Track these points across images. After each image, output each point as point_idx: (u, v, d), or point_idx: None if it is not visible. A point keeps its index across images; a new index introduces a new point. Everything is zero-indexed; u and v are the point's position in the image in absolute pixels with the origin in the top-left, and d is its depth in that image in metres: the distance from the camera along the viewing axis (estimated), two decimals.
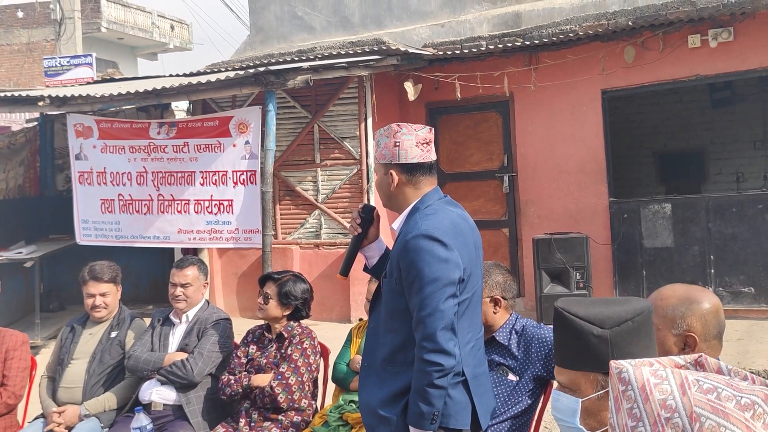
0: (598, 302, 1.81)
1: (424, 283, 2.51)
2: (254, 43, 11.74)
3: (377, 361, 2.73)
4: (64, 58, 12.38)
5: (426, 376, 2.48)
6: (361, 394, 2.79)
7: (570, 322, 1.74)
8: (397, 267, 2.62)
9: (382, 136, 2.74)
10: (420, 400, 2.50)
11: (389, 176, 2.72)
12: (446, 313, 2.51)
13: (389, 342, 2.68)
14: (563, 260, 7.70)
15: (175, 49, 29.77)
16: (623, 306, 1.76)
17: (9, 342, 4.29)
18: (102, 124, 7.28)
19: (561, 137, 8.32)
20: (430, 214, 2.65)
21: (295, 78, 6.31)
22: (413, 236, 2.56)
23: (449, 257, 2.55)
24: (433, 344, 2.48)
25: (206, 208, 6.89)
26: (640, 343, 1.71)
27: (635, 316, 1.73)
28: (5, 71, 25.31)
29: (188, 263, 4.34)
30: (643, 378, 1.27)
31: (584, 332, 1.71)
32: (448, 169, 9.05)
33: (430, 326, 2.49)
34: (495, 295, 3.19)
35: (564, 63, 8.03)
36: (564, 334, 1.77)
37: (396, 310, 2.66)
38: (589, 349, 1.71)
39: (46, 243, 8.55)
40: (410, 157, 2.69)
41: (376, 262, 2.95)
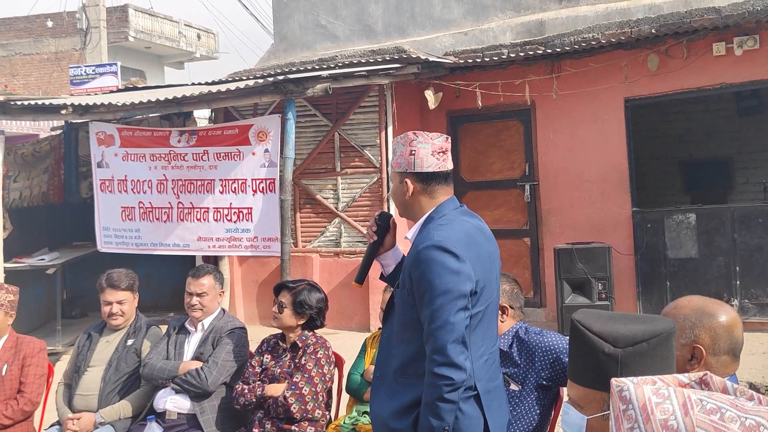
0: (618, 318, 1.72)
1: (435, 295, 2.47)
2: (278, 52, 11.80)
3: (389, 373, 2.69)
4: (89, 66, 12.53)
5: (436, 389, 2.44)
6: (373, 405, 2.75)
7: (583, 336, 1.67)
8: (409, 278, 2.58)
9: (399, 144, 2.71)
10: (430, 414, 2.45)
11: (404, 185, 2.68)
12: (457, 326, 2.46)
13: (401, 353, 2.65)
14: (585, 270, 7.61)
15: (201, 58, 30.06)
16: (642, 325, 1.67)
17: (26, 349, 4.32)
18: (123, 132, 7.34)
19: (583, 146, 8.24)
20: (444, 224, 2.61)
21: (314, 86, 6.31)
22: (425, 247, 2.52)
23: (461, 269, 2.50)
24: (444, 357, 2.43)
25: (225, 216, 6.91)
26: (653, 367, 1.60)
27: (652, 338, 1.63)
28: (35, 80, 25.71)
29: (204, 272, 4.34)
30: (645, 397, 1.22)
31: (595, 349, 1.64)
32: (470, 177, 9.00)
33: (441, 339, 2.44)
34: (502, 303, 3.15)
35: (586, 71, 7.95)
36: (576, 348, 1.71)
37: (408, 321, 2.62)
38: (599, 366, 1.63)
39: (69, 250, 8.63)
40: (426, 165, 2.66)
41: (392, 271, 2.92)
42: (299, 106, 8.62)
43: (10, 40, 26.06)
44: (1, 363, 4.25)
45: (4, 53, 25.90)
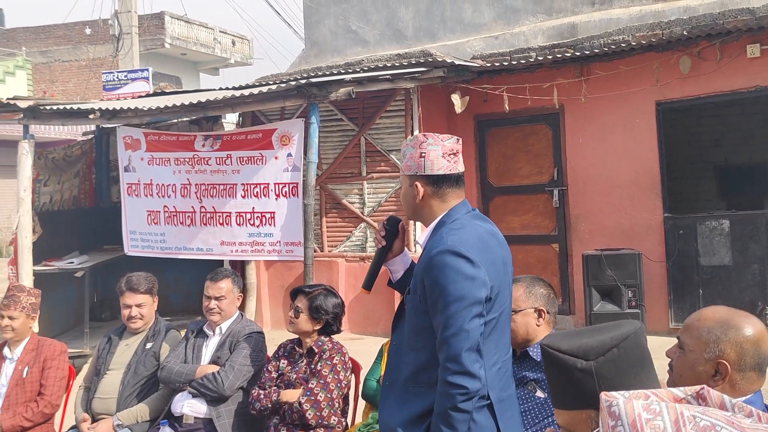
0: (584, 332, 1.69)
1: (449, 302, 2.39)
2: (309, 57, 11.85)
3: (399, 381, 2.62)
4: (121, 72, 12.70)
5: (449, 398, 2.37)
6: (382, 414, 2.68)
7: (554, 358, 1.63)
8: (422, 283, 2.51)
9: (408, 147, 2.64)
10: (443, 423, 2.38)
11: (414, 188, 2.61)
12: (471, 334, 2.39)
13: (412, 361, 2.58)
14: (614, 277, 7.46)
15: (236, 64, 30.38)
16: (609, 333, 1.63)
17: (47, 351, 4.36)
18: (150, 137, 7.40)
19: (613, 150, 8.09)
20: (456, 228, 2.53)
21: (338, 90, 6.29)
22: (438, 252, 2.45)
23: (476, 275, 2.42)
24: (458, 366, 2.36)
25: (248, 220, 6.91)
26: (629, 371, 1.57)
27: (621, 342, 1.59)
28: (73, 86, 26.19)
29: (222, 276, 4.33)
30: (635, 412, 1.15)
31: (568, 367, 1.59)
32: (497, 182, 8.90)
33: (455, 347, 2.37)
34: (539, 306, 3.05)
35: (617, 74, 7.81)
36: (552, 373, 1.66)
37: (419, 328, 2.55)
38: (576, 385, 1.58)
39: (99, 253, 8.73)
40: (436, 168, 2.58)
41: (401, 277, 2.85)
42: (325, 110, 8.62)
43: (49, 47, 26.61)
44: (23, 365, 4.29)
45: (44, 60, 26.44)
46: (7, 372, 4.30)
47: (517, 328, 3.01)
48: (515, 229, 8.77)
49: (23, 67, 18.21)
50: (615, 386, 1.51)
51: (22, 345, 4.35)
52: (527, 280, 3.10)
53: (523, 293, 3.03)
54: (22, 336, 4.35)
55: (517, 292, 3.02)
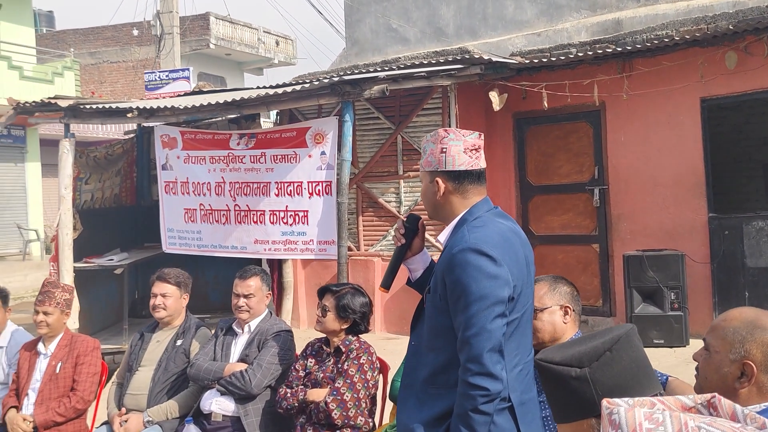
0: (576, 342, 1.65)
1: (471, 301, 2.33)
2: (350, 56, 11.85)
3: (418, 382, 2.56)
4: (163, 72, 12.88)
5: (470, 400, 2.31)
6: (400, 416, 2.63)
7: (549, 371, 1.58)
8: (442, 282, 2.46)
9: (428, 143, 2.59)
10: (463, 425, 2.32)
11: (435, 184, 2.55)
12: (494, 334, 2.33)
13: (431, 362, 2.52)
14: (656, 279, 7.28)
15: (279, 64, 30.60)
16: (601, 338, 1.58)
17: (80, 347, 4.40)
18: (186, 135, 7.46)
19: (656, 148, 7.89)
20: (479, 226, 2.47)
21: (372, 88, 6.24)
22: (460, 250, 2.39)
23: (498, 273, 2.37)
24: (479, 367, 2.31)
25: (281, 218, 6.91)
26: (625, 373, 1.52)
27: (613, 345, 1.54)
28: (121, 87, 26.71)
29: (251, 274, 4.33)
30: (636, 422, 1.07)
31: (564, 377, 1.54)
32: (536, 181, 8.76)
33: (477, 347, 2.31)
34: (564, 303, 2.96)
35: (659, 70, 7.60)
36: (549, 387, 1.61)
37: (439, 328, 2.49)
38: (574, 394, 1.53)
39: (139, 251, 8.84)
40: (458, 164, 2.52)
41: (420, 276, 2.80)
42: (362, 108, 8.59)
43: (98, 48, 27.17)
44: (56, 361, 4.34)
45: (93, 61, 27.00)
46: (41, 367, 4.36)
47: (544, 327, 2.93)
48: (555, 228, 8.63)
49: (71, 68, 18.56)
50: (612, 390, 1.47)
51: (55, 341, 4.41)
52: (549, 278, 3.02)
53: (547, 291, 2.95)
54: (57, 332, 4.41)
55: (540, 290, 2.94)
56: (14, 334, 4.70)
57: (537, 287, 2.96)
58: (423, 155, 2.62)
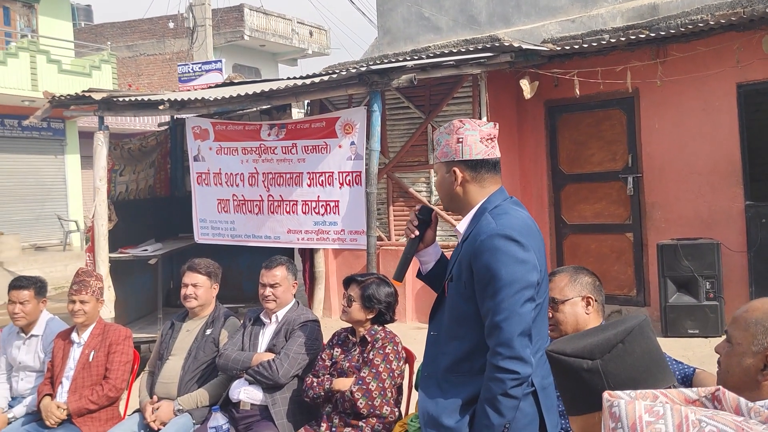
0: (588, 333, 1.62)
1: (501, 286, 2.36)
2: (381, 45, 11.83)
3: (438, 371, 2.58)
4: (196, 64, 13.00)
5: (500, 384, 2.34)
6: (423, 404, 2.63)
7: (560, 362, 1.56)
8: (468, 269, 2.47)
9: (443, 134, 2.60)
10: (491, 410, 2.35)
11: (452, 174, 2.57)
12: (524, 318, 2.37)
13: (453, 350, 2.54)
14: (691, 268, 7.17)
15: (313, 55, 30.69)
16: (613, 329, 1.56)
17: (113, 336, 4.48)
18: (217, 127, 7.52)
19: (691, 135, 7.75)
20: (502, 213, 2.50)
21: (399, 77, 6.22)
22: (489, 236, 2.42)
23: (527, 258, 2.41)
24: (510, 350, 2.34)
25: (313, 208, 6.95)
26: (638, 365, 1.50)
27: (625, 337, 1.52)
28: (158, 79, 27.04)
29: (277, 263, 4.36)
30: (636, 415, 1.06)
31: (575, 369, 1.52)
32: (568, 169, 8.66)
33: (507, 331, 2.34)
34: (586, 294, 2.94)
35: (694, 55, 7.45)
36: (560, 379, 1.59)
37: (462, 316, 2.51)
38: (585, 386, 1.51)
39: (174, 241, 8.94)
40: (475, 153, 2.55)
41: (432, 268, 2.81)
42: (392, 98, 8.57)
43: (135, 42, 27.52)
44: (89, 349, 4.43)
45: (130, 54, 27.37)
46: (75, 356, 4.45)
47: (566, 319, 2.91)
48: (587, 217, 8.54)
49: (108, 61, 18.83)
50: (624, 382, 1.45)
51: (89, 330, 4.49)
52: (570, 269, 3.00)
53: (568, 282, 2.92)
54: (92, 320, 4.50)
55: (561, 282, 2.92)
56: (49, 323, 4.80)
57: (558, 279, 2.94)
58: (437, 147, 2.63)
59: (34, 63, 16.74)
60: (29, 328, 4.74)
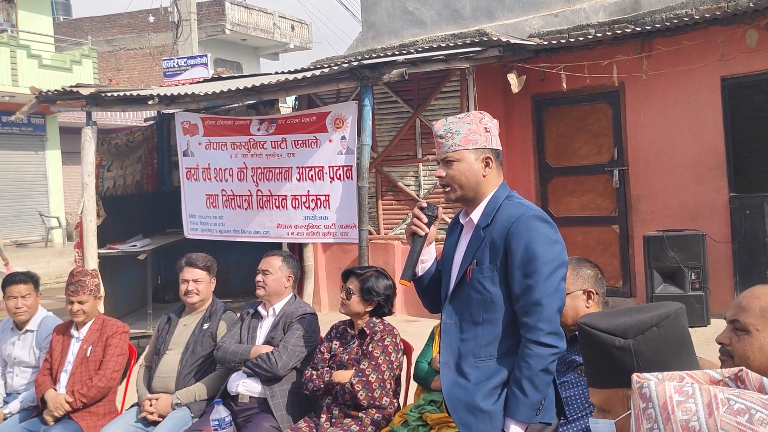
0: (623, 312, 1.67)
1: (540, 264, 2.46)
2: (366, 40, 11.83)
3: (461, 358, 2.61)
4: (181, 59, 12.94)
5: (541, 360, 2.42)
6: (450, 392, 2.64)
7: (592, 336, 1.61)
8: (499, 252, 2.54)
9: (464, 123, 2.62)
10: (531, 386, 2.43)
11: (483, 162, 2.62)
12: (560, 295, 2.50)
13: (479, 335, 2.58)
14: (677, 259, 7.27)
15: (295, 49, 30.60)
16: (649, 312, 1.61)
17: (109, 330, 4.49)
18: (207, 122, 7.51)
19: (676, 128, 7.86)
20: (521, 199, 2.65)
21: (390, 72, 6.25)
22: (525, 217, 2.52)
23: (559, 239, 2.55)
24: (551, 326, 2.44)
25: (303, 203, 6.97)
26: (669, 350, 1.56)
27: (661, 321, 1.57)
28: (138, 74, 26.82)
29: (274, 253, 4.43)
30: (666, 395, 1.11)
31: (606, 345, 1.58)
32: (555, 162, 8.75)
33: (549, 307, 2.44)
34: (587, 287, 2.98)
35: (679, 49, 7.55)
36: (589, 351, 1.65)
37: (490, 299, 2.56)
38: (614, 362, 1.57)
39: (162, 237, 8.93)
40: (497, 143, 2.67)
41: (429, 267, 2.84)
42: (380, 92, 8.60)
43: (115, 36, 27.28)
44: (87, 344, 4.42)
45: (110, 48, 27.13)
46: (74, 350, 4.45)
47: (566, 311, 2.94)
48: (574, 210, 8.63)
49: (89, 56, 18.67)
50: (653, 365, 1.49)
51: (87, 325, 4.49)
52: (573, 261, 3.03)
53: (570, 275, 2.96)
54: (92, 317, 4.50)
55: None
56: (44, 320, 4.79)
57: None
58: (456, 135, 2.62)
59: (14, 58, 16.58)
60: (25, 324, 4.73)
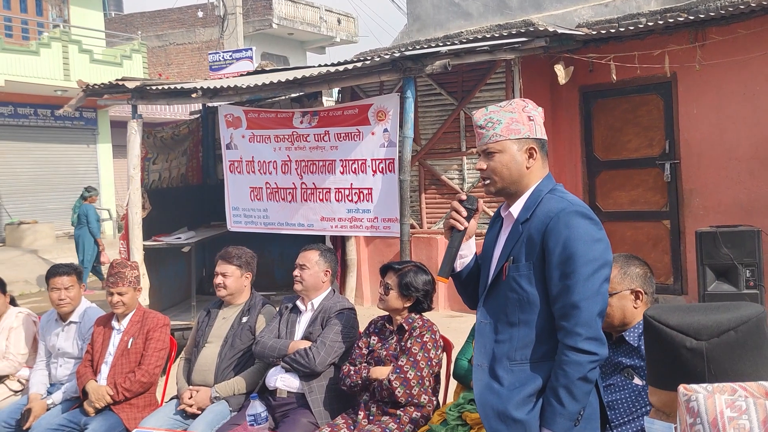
0: (697, 309, 1.49)
1: (580, 264, 2.29)
2: (411, 32, 11.74)
3: (495, 360, 2.47)
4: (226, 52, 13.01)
5: (578, 368, 2.26)
6: (483, 398, 2.51)
7: (660, 332, 1.44)
8: (537, 250, 2.38)
9: (505, 112, 2.48)
10: (568, 396, 2.27)
11: (527, 153, 2.46)
12: (602, 298, 2.32)
13: (514, 336, 2.44)
14: (731, 256, 7.00)
15: (341, 43, 30.62)
16: (728, 313, 1.43)
17: (151, 323, 4.51)
18: (249, 114, 7.52)
19: (731, 120, 7.58)
20: (564, 193, 2.45)
21: (433, 63, 6.14)
22: (565, 213, 2.35)
23: (603, 237, 2.36)
24: (590, 331, 2.27)
25: (347, 196, 6.92)
26: (746, 358, 1.37)
27: (740, 325, 1.39)
28: (187, 68, 27.14)
29: (311, 247, 4.40)
30: (716, 410, 1.00)
31: (675, 344, 1.41)
32: (604, 156, 8.53)
33: (588, 311, 2.28)
34: (636, 287, 2.84)
35: (734, 38, 7.28)
36: (654, 348, 1.48)
37: (526, 300, 2.41)
38: (681, 364, 1.40)
39: (206, 229, 8.97)
40: (542, 132, 2.51)
41: (468, 262, 2.70)
42: (424, 84, 8.49)
43: (165, 31, 27.65)
44: (128, 336, 4.45)
45: (160, 44, 27.51)
46: (115, 342, 4.48)
47: (613, 312, 2.82)
48: (623, 205, 8.41)
49: (139, 51, 18.95)
50: (726, 373, 1.34)
51: (128, 317, 4.52)
52: (621, 259, 2.89)
53: (618, 274, 2.83)
54: (131, 308, 4.53)
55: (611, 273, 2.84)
56: (87, 311, 4.83)
57: None
58: (497, 125, 2.48)
59: (66, 53, 16.90)
60: (68, 315, 4.78)
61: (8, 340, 4.95)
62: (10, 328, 4.99)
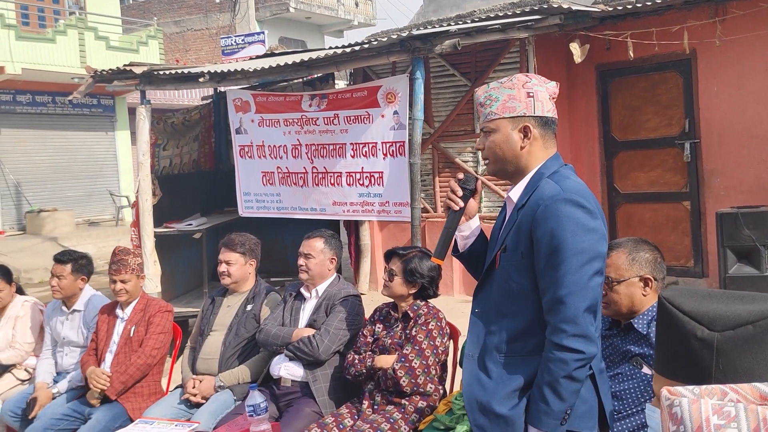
0: (718, 296, 1.34)
1: (567, 256, 2.16)
2: (427, 13, 11.61)
3: (485, 351, 2.38)
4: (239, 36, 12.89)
5: (563, 366, 2.14)
6: (469, 390, 2.42)
7: (671, 316, 1.30)
8: (527, 238, 2.26)
9: (502, 89, 2.35)
10: (552, 394, 2.16)
11: (521, 132, 2.32)
12: (591, 292, 2.17)
13: (504, 328, 2.33)
14: (753, 237, 6.81)
15: (359, 26, 30.41)
16: (750, 305, 1.27)
17: (153, 309, 4.47)
18: (258, 98, 7.42)
19: (753, 98, 7.35)
20: (563, 178, 2.28)
21: (443, 43, 5.99)
22: (554, 200, 2.20)
23: (596, 227, 2.20)
24: (575, 328, 2.14)
25: (357, 180, 6.82)
26: (760, 357, 1.22)
27: (761, 320, 1.24)
28: (205, 54, 27.10)
29: (315, 235, 4.28)
30: (702, 417, 0.88)
31: (686, 332, 1.27)
32: (622, 136, 8.33)
33: (573, 306, 2.14)
34: (644, 274, 2.71)
35: (756, 12, 7.03)
36: (664, 332, 1.34)
37: (517, 290, 2.30)
38: (688, 354, 1.26)
39: (219, 215, 8.91)
40: (545, 109, 2.33)
41: (471, 244, 2.58)
42: (437, 65, 8.34)
43: (182, 17, 27.60)
44: (131, 325, 4.40)
45: (177, 29, 27.48)
46: (119, 330, 4.44)
47: (621, 300, 2.70)
48: (642, 186, 8.22)
49: (155, 37, 18.91)
50: (735, 370, 1.20)
51: (132, 305, 4.48)
52: (629, 244, 2.76)
53: (626, 260, 2.70)
54: (135, 296, 4.49)
55: (619, 259, 2.70)
56: (92, 299, 4.80)
57: (615, 256, 2.72)
58: (494, 102, 2.36)
59: (83, 40, 16.90)
60: (71, 303, 4.75)
61: (15, 329, 4.94)
62: (17, 317, 4.96)
